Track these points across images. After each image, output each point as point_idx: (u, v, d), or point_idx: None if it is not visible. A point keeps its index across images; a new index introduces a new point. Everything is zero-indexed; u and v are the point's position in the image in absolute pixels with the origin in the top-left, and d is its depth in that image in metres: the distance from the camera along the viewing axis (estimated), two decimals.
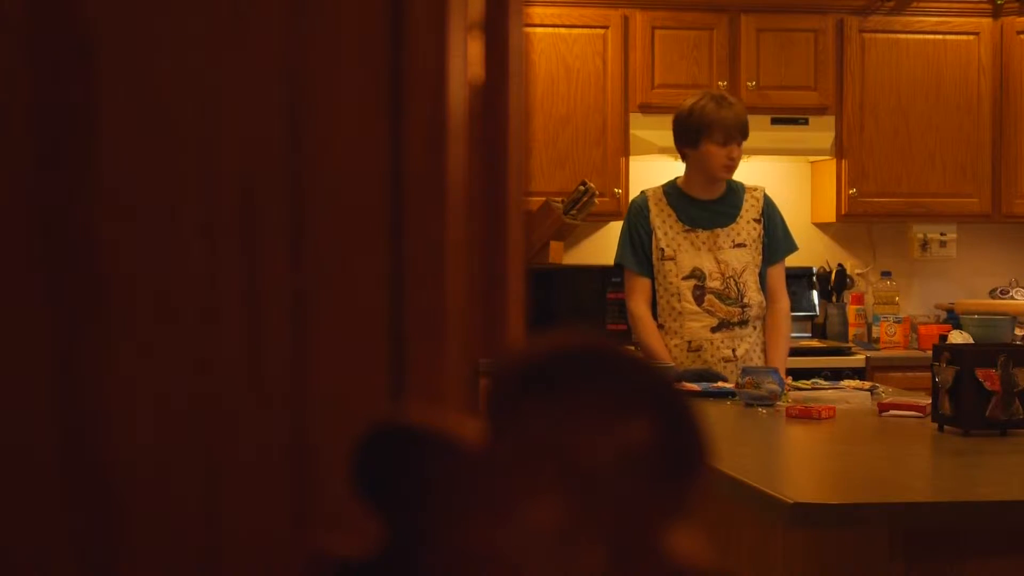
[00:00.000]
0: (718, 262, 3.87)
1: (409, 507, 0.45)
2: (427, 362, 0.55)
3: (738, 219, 3.92)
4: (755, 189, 3.99)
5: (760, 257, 3.93)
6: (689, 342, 3.84)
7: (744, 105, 4.18)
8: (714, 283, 3.85)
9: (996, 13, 5.53)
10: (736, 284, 3.87)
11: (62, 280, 0.54)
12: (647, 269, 3.88)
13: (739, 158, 3.88)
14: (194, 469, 0.55)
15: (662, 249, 3.86)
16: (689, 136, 3.86)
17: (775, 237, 3.95)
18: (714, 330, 3.84)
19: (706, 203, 3.92)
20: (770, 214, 3.96)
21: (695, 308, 3.84)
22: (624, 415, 0.45)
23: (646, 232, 3.88)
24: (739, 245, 3.90)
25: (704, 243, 3.88)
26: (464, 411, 0.49)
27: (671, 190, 3.94)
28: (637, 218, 3.91)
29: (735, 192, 3.95)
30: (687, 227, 3.88)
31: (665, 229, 3.87)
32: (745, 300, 3.88)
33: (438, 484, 0.45)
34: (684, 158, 3.93)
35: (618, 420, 0.45)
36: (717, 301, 3.85)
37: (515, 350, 0.46)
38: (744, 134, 3.87)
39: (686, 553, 0.44)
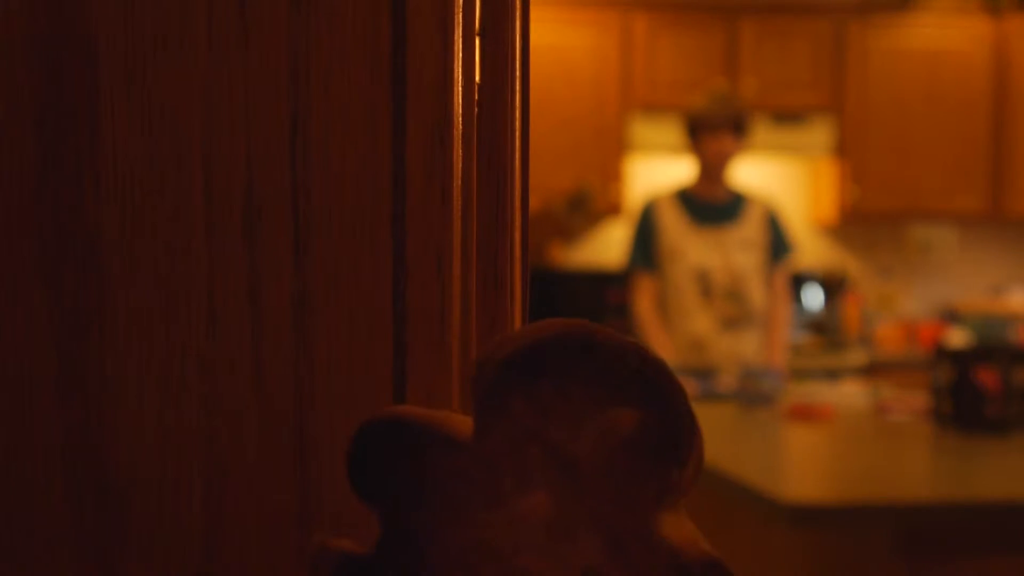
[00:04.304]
0: (725, 261, 3.87)
1: (402, 502, 0.45)
2: (429, 363, 0.55)
3: (745, 221, 3.93)
4: (760, 199, 4.01)
5: (765, 259, 3.94)
6: (694, 340, 3.84)
7: (741, 100, 4.19)
8: (721, 282, 3.86)
9: (996, 13, 5.53)
10: (742, 284, 3.87)
11: (64, 281, 0.54)
12: (654, 268, 3.89)
13: (732, 150, 3.89)
14: (196, 469, 0.55)
15: (670, 246, 3.87)
16: (689, 134, 3.90)
17: (779, 240, 3.97)
18: (719, 329, 3.85)
19: (712, 205, 3.93)
20: (775, 218, 3.97)
21: (701, 306, 3.84)
22: (612, 401, 0.45)
23: (655, 229, 3.89)
24: (745, 246, 3.91)
25: (712, 242, 3.88)
26: (465, 410, 0.49)
27: (679, 193, 3.96)
28: (646, 216, 3.93)
29: (741, 198, 3.96)
30: (695, 225, 3.88)
31: (674, 225, 3.88)
32: (750, 300, 3.88)
33: (430, 478, 0.45)
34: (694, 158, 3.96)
35: (606, 407, 0.44)
36: (723, 300, 3.85)
37: (501, 339, 0.46)
38: (738, 126, 3.88)
39: (679, 539, 0.44)
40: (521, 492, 0.44)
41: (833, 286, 5.61)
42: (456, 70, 0.55)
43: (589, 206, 5.20)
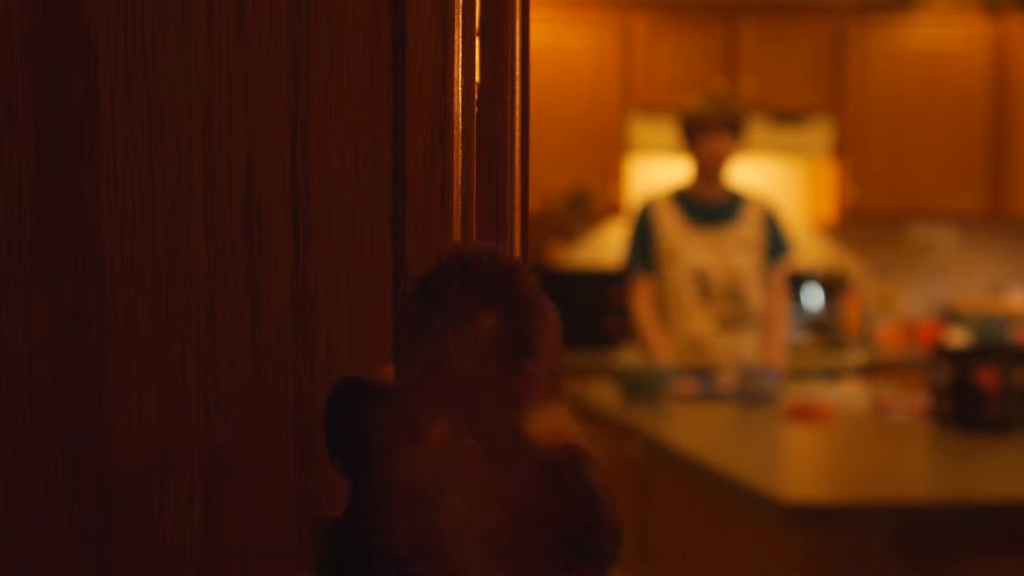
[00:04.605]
0: (723, 262, 3.88)
1: (357, 459, 0.46)
2: None
3: (742, 221, 3.93)
4: (758, 199, 4.01)
5: (763, 259, 3.94)
6: (693, 340, 3.84)
7: (739, 99, 4.19)
8: (719, 282, 3.86)
9: (996, 13, 5.54)
10: (740, 284, 3.88)
11: (64, 281, 0.54)
12: (652, 269, 3.89)
13: (728, 150, 3.89)
14: (196, 469, 0.55)
15: (668, 247, 3.87)
16: (686, 134, 3.91)
17: (777, 240, 3.97)
18: (718, 329, 3.85)
19: (710, 205, 3.93)
20: (772, 218, 3.97)
21: (699, 307, 3.84)
22: (479, 309, 0.46)
23: (653, 231, 3.90)
24: (743, 246, 3.91)
25: (710, 242, 3.88)
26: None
27: (677, 194, 3.97)
28: (644, 217, 3.94)
29: (738, 198, 3.96)
30: (693, 225, 3.89)
31: (672, 225, 3.88)
32: (748, 300, 3.88)
33: (368, 431, 0.46)
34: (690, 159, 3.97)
35: (475, 315, 0.46)
36: (721, 300, 3.85)
37: (412, 279, 0.47)
38: (733, 126, 3.88)
39: (543, 433, 0.45)
40: (429, 425, 0.45)
41: (833, 286, 5.60)
42: (456, 70, 0.55)
43: (589, 206, 5.20)
